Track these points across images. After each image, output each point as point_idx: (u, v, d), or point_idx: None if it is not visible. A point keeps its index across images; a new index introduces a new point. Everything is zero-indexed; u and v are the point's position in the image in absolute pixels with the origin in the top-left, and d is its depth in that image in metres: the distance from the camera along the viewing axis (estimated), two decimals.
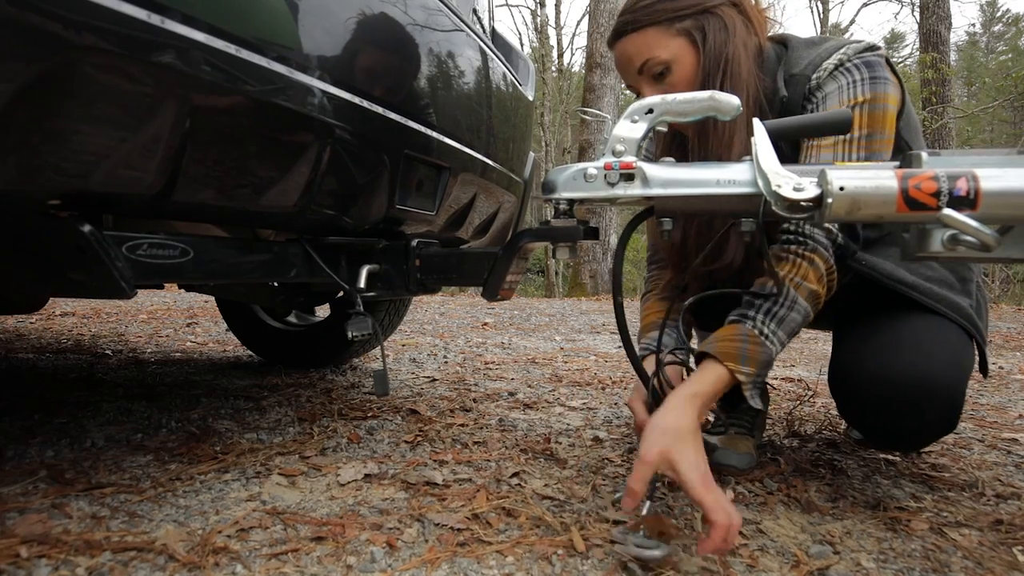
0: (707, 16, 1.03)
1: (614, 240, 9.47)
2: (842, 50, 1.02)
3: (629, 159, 0.83)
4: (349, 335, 1.09)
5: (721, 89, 0.98)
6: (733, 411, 1.29)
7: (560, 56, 18.44)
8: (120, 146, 0.68)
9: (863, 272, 1.04)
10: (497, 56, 1.51)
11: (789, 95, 1.05)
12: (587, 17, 7.49)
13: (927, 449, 1.33)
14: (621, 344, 0.96)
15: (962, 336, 1.03)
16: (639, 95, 1.07)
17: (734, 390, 0.93)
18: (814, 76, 1.02)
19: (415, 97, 1.12)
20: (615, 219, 8.07)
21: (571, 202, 0.90)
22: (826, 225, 0.96)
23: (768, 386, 1.34)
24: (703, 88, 1.02)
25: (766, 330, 0.94)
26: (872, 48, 1.01)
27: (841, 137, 0.98)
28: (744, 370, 0.91)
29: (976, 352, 1.07)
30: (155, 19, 0.65)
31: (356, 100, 0.96)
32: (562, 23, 20.25)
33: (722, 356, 0.92)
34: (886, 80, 0.99)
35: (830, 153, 0.99)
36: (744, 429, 1.24)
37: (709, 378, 0.91)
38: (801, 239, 0.99)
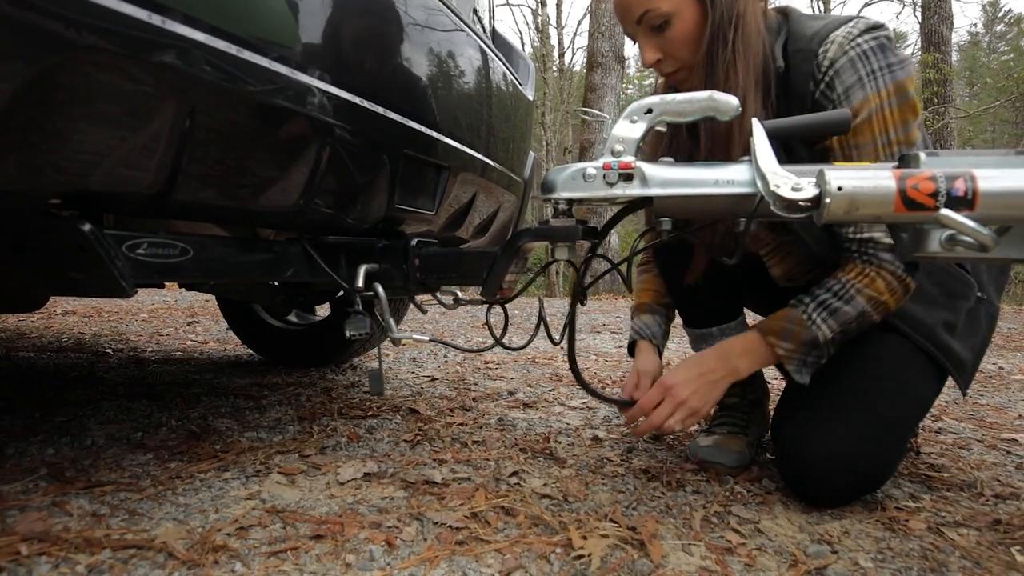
0: None
1: (615, 240, 9.48)
2: (850, 24, 0.98)
3: (628, 159, 0.83)
4: (347, 334, 1.09)
5: (731, 48, 0.98)
6: (726, 409, 1.30)
7: (561, 56, 18.43)
8: (120, 145, 0.68)
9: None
10: (497, 56, 1.51)
11: (792, 66, 1.01)
12: (588, 16, 7.49)
13: (926, 450, 1.33)
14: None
15: (912, 374, 1.04)
16: (635, 42, 1.06)
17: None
18: (820, 50, 0.98)
19: (415, 97, 1.12)
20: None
21: (570, 202, 0.90)
22: (879, 236, 0.97)
23: (767, 384, 1.34)
24: (708, 46, 0.99)
25: (814, 316, 0.99)
26: (880, 26, 0.98)
27: (880, 142, 0.95)
28: (784, 345, 1.01)
29: (948, 374, 1.06)
30: (156, 19, 0.65)
31: (356, 100, 0.97)
32: (563, 22, 20.27)
33: (765, 331, 1.02)
34: (903, 64, 0.97)
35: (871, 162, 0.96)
36: (737, 428, 1.24)
37: (745, 343, 1.04)
38: (866, 257, 0.99)
